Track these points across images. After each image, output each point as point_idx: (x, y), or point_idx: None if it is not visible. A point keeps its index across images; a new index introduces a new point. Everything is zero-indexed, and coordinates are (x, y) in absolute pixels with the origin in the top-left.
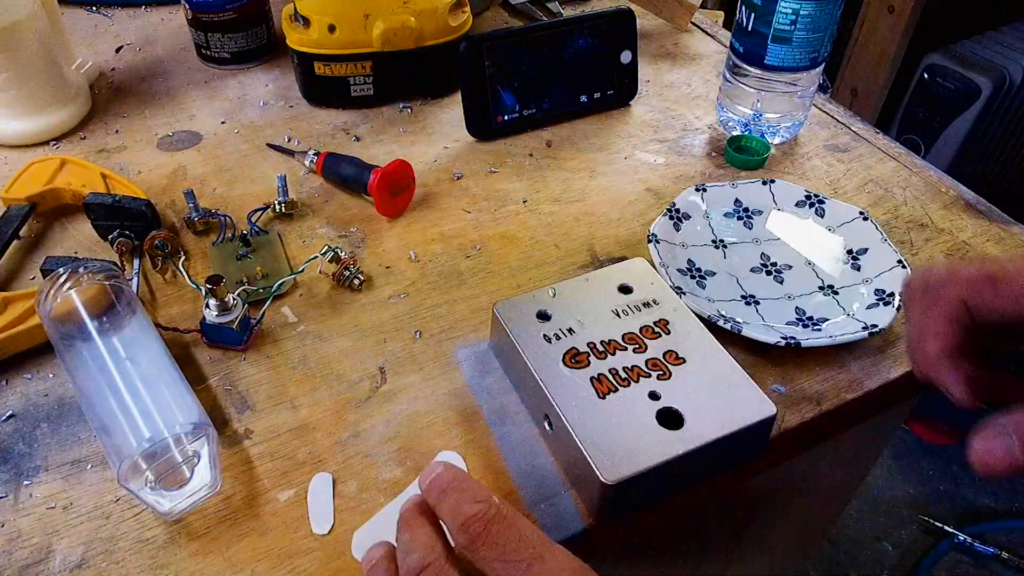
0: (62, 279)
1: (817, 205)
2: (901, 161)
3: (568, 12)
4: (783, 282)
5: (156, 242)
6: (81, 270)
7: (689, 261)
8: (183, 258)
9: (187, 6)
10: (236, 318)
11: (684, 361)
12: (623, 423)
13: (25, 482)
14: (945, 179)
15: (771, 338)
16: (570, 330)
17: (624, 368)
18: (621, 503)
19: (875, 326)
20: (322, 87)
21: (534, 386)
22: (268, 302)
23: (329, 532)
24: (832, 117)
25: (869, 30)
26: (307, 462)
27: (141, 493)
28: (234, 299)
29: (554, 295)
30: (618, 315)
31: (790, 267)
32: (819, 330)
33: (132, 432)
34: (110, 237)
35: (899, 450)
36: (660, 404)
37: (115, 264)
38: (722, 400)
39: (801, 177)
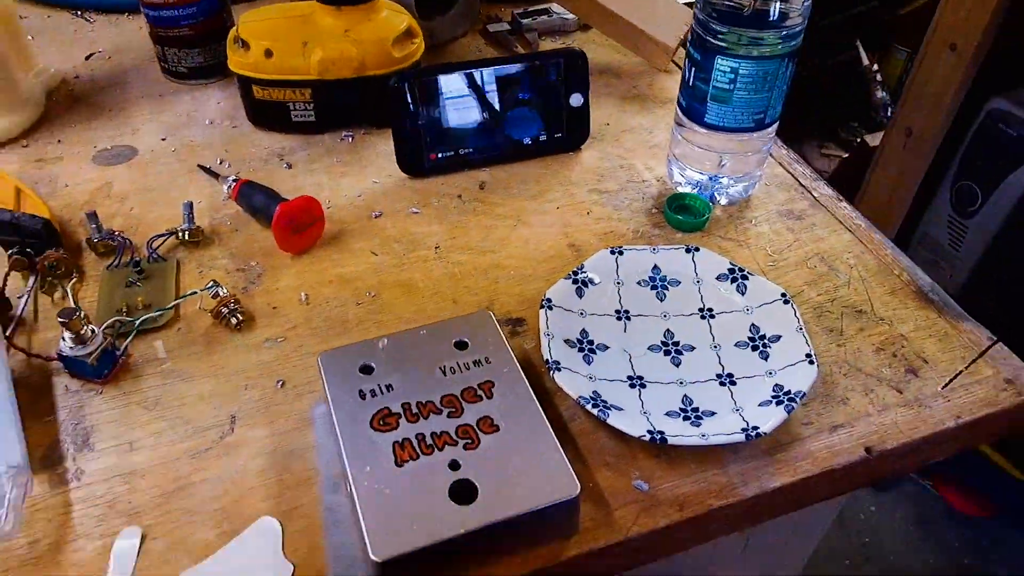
0: None
1: (740, 281)
2: (858, 235)
3: (546, 44)
4: (679, 364)
5: (48, 263)
6: None
7: (583, 331)
8: (74, 279)
9: (147, 19)
10: (93, 351)
11: (498, 429)
12: (414, 494)
13: None
14: (902, 259)
15: (637, 431)
16: (389, 387)
17: (432, 434)
18: None
19: (755, 428)
20: (263, 110)
21: (336, 449)
22: (131, 336)
23: None
24: (795, 179)
25: (928, 68)
26: (124, 511)
27: None
28: (93, 331)
29: (383, 347)
30: (444, 373)
31: (692, 348)
32: (698, 425)
33: None
34: (9, 253)
35: (925, 516)
36: (458, 475)
37: None
38: (525, 475)
39: (741, 244)
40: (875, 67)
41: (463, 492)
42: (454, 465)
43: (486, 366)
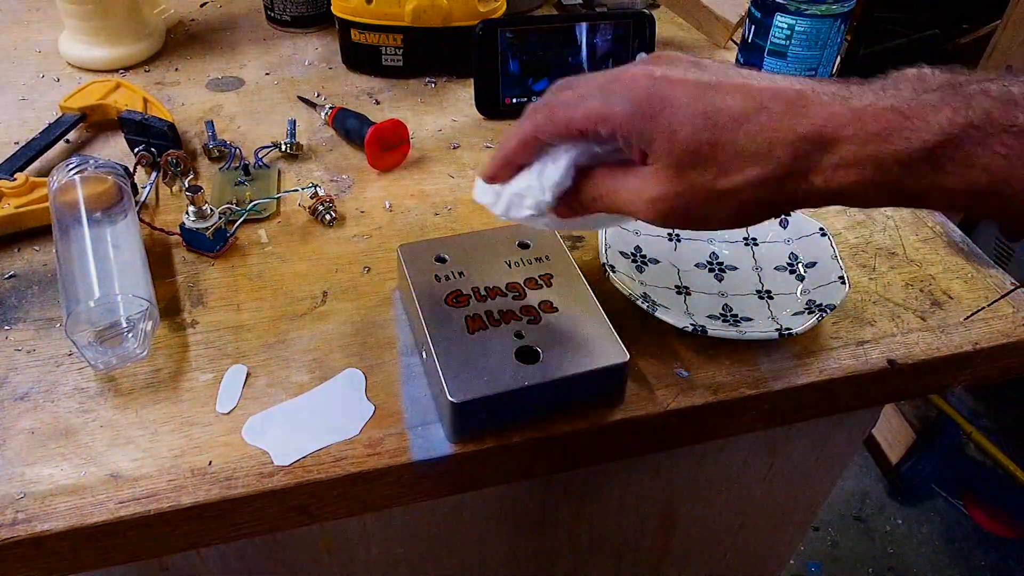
0: (72, 166)
1: (783, 217)
2: None
3: None
4: (722, 280)
5: (170, 159)
6: (91, 163)
7: (637, 247)
8: (191, 177)
9: None
10: (210, 227)
11: (557, 310)
12: (484, 355)
13: (5, 327)
14: (935, 214)
15: (680, 323)
16: (460, 273)
17: (499, 311)
18: (470, 423)
19: (788, 329)
20: (357, 53)
21: (417, 319)
22: (242, 218)
23: (229, 413)
24: None
25: None
26: (232, 355)
27: (81, 346)
28: (211, 209)
29: (455, 242)
30: (509, 265)
31: (735, 268)
32: (736, 325)
33: (84, 291)
34: (135, 150)
35: (952, 533)
36: (522, 342)
37: (124, 168)
38: (581, 345)
39: None
40: None
41: (527, 355)
42: (519, 335)
43: (546, 262)
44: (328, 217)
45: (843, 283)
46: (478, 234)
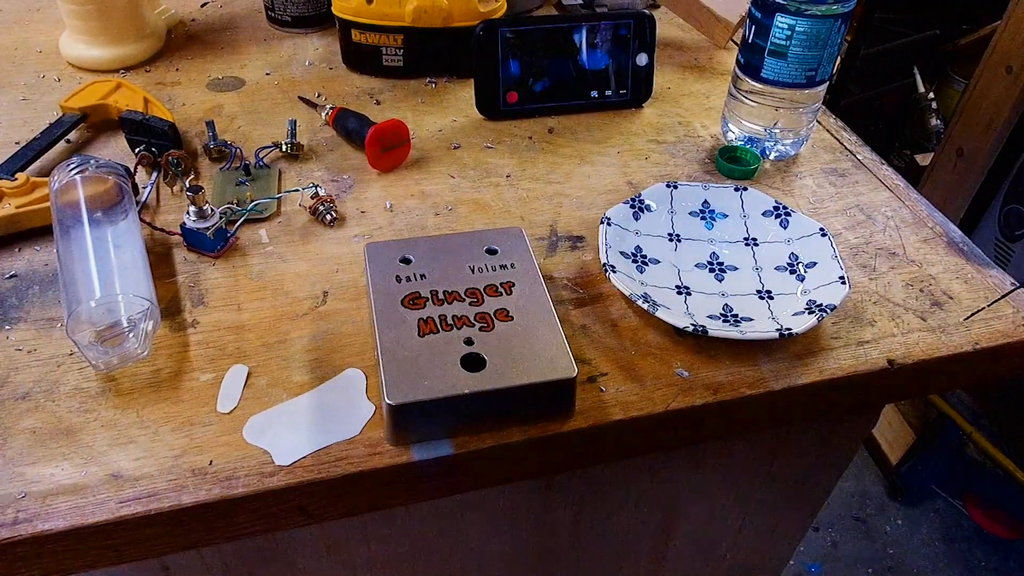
0: (73, 166)
1: (783, 217)
2: (896, 193)
3: None
4: (723, 280)
5: (171, 159)
6: (92, 163)
7: (637, 247)
8: (192, 177)
9: None
10: (211, 226)
11: (512, 319)
12: (430, 360)
13: (6, 327)
14: (936, 215)
15: (681, 323)
16: (422, 275)
17: (453, 316)
18: (408, 426)
19: (788, 329)
20: (358, 53)
21: (372, 318)
22: (243, 218)
23: (230, 412)
24: (841, 143)
25: (983, 90)
26: (233, 355)
27: (82, 345)
28: (211, 209)
29: (423, 244)
30: (472, 271)
31: (736, 268)
32: (737, 325)
33: (85, 290)
34: (136, 150)
35: (952, 534)
36: (471, 349)
37: (125, 168)
38: (531, 356)
39: (786, 193)
40: (931, 95)
41: (473, 362)
42: (468, 341)
43: (510, 270)
44: (329, 217)
45: (843, 283)
46: (447, 237)
